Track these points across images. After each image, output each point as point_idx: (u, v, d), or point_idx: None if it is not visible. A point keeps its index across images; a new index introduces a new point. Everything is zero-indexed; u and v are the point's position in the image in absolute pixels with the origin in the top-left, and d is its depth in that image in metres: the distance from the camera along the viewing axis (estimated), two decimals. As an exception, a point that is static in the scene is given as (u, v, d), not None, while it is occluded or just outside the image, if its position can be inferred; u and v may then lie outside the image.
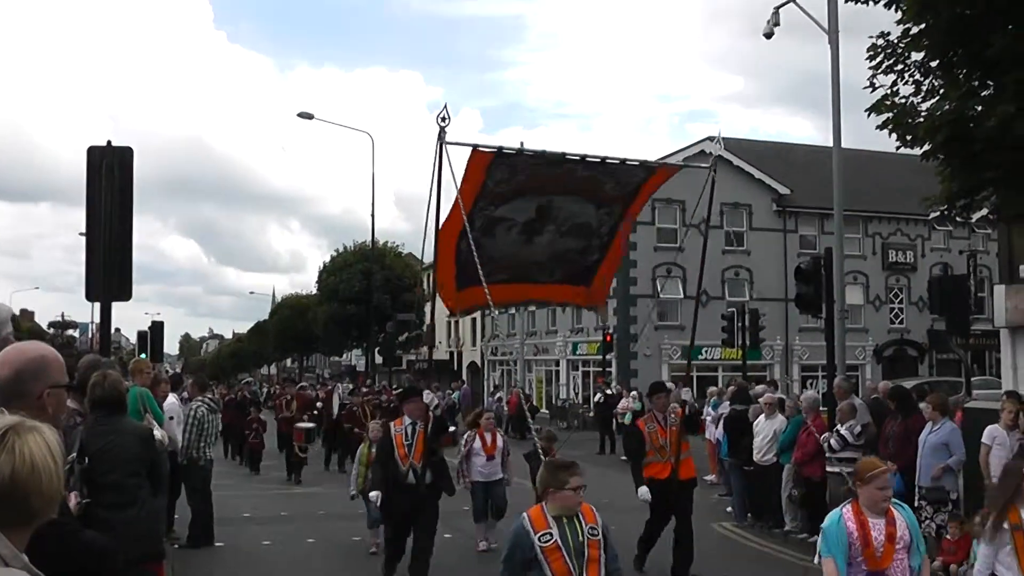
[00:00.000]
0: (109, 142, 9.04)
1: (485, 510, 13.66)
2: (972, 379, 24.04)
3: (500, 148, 10.51)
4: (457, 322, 65.78)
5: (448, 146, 10.11)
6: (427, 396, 11.05)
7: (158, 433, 8.62)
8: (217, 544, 13.63)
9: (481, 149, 10.37)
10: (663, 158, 43.77)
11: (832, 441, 13.18)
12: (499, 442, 14.12)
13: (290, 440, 22.94)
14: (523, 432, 32.10)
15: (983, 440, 11.69)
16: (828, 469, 13.28)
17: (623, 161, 11.29)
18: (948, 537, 11.19)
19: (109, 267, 8.79)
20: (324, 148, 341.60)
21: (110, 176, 8.79)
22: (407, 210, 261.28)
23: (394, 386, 30.65)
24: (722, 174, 45.59)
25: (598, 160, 11.07)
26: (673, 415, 12.04)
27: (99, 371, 6.41)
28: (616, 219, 12.45)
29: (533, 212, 11.72)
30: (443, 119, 9.87)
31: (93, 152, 8.91)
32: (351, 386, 32.14)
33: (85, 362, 7.12)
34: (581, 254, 12.69)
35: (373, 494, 11.28)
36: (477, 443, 13.85)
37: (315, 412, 25.86)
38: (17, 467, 2.29)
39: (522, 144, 10.76)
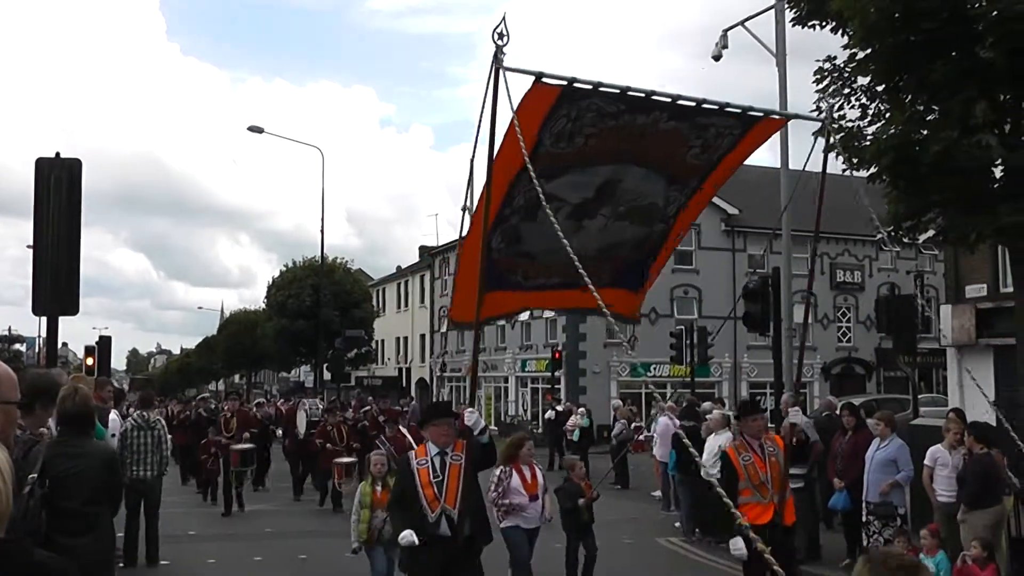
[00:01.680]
0: (58, 154, 8.94)
1: (528, 566, 10.66)
2: (919, 397, 24.37)
3: (571, 81, 7.47)
4: (406, 338, 65.62)
5: (505, 72, 7.21)
6: (470, 416, 7.83)
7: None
8: (163, 562, 13.43)
9: (546, 81, 7.41)
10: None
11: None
12: (539, 477, 11.11)
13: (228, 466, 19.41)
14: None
15: (925, 462, 11.88)
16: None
17: (722, 107, 8.37)
18: (894, 553, 11.29)
19: (56, 281, 8.67)
20: (275, 163, 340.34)
21: (59, 188, 8.69)
22: (358, 226, 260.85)
23: (364, 408, 25.43)
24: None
25: (692, 104, 8.23)
26: (771, 443, 9.55)
27: (69, 385, 6.23)
28: (685, 199, 9.58)
29: (592, 191, 8.81)
30: (500, 36, 7.16)
31: (42, 164, 8.80)
32: (320, 402, 26.54)
33: (29, 376, 6.95)
34: (636, 247, 9.73)
35: (406, 535, 7.54)
36: (515, 480, 10.77)
37: (255, 432, 21.09)
38: (-33, 486, 2.24)
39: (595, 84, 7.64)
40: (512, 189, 8.10)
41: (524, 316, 46.93)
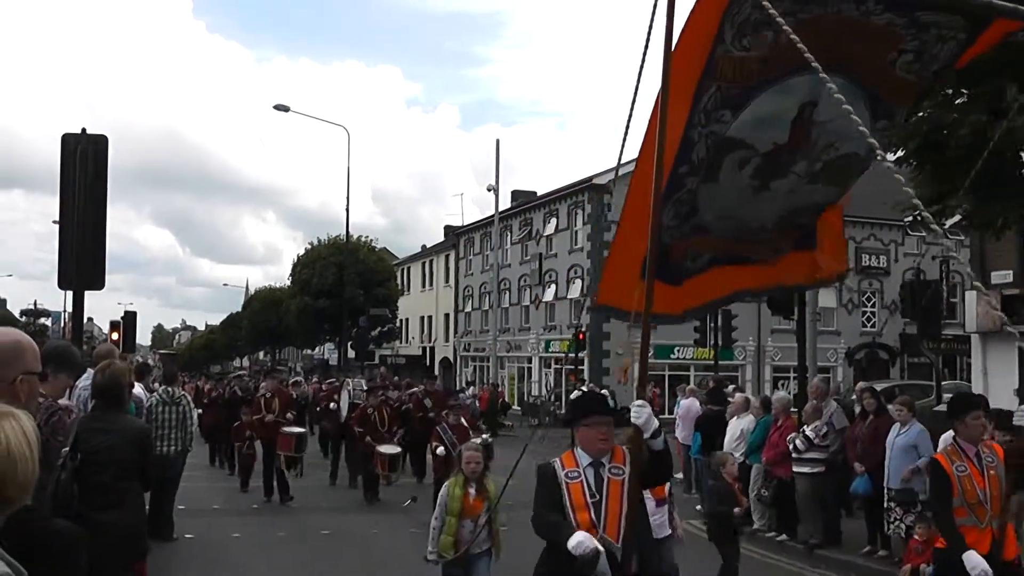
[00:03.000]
0: (84, 130, 8.98)
1: None
2: (942, 383, 24.24)
3: None
4: (430, 317, 65.78)
5: None
6: (639, 412, 5.43)
7: None
8: (187, 536, 13.58)
9: None
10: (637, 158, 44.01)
11: (797, 442, 13.31)
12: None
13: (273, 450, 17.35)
14: (495, 429, 32.15)
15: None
16: (795, 469, 13.42)
17: None
18: (916, 538, 11.27)
19: (82, 255, 8.73)
20: (301, 141, 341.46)
21: (84, 164, 8.74)
22: (384, 205, 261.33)
23: (411, 391, 22.05)
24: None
25: None
26: (990, 452, 7.24)
27: (105, 360, 6.27)
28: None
29: (786, 130, 6.24)
30: None
31: (68, 139, 8.85)
32: (365, 382, 23.23)
33: (48, 346, 7.00)
34: (817, 212, 7.11)
35: (579, 538, 5.18)
36: None
37: (295, 413, 19.50)
38: (-7, 453, 2.27)
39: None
40: (688, 131, 5.94)
41: (549, 296, 46.97)
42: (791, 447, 13.42)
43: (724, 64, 5.70)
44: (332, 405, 21.35)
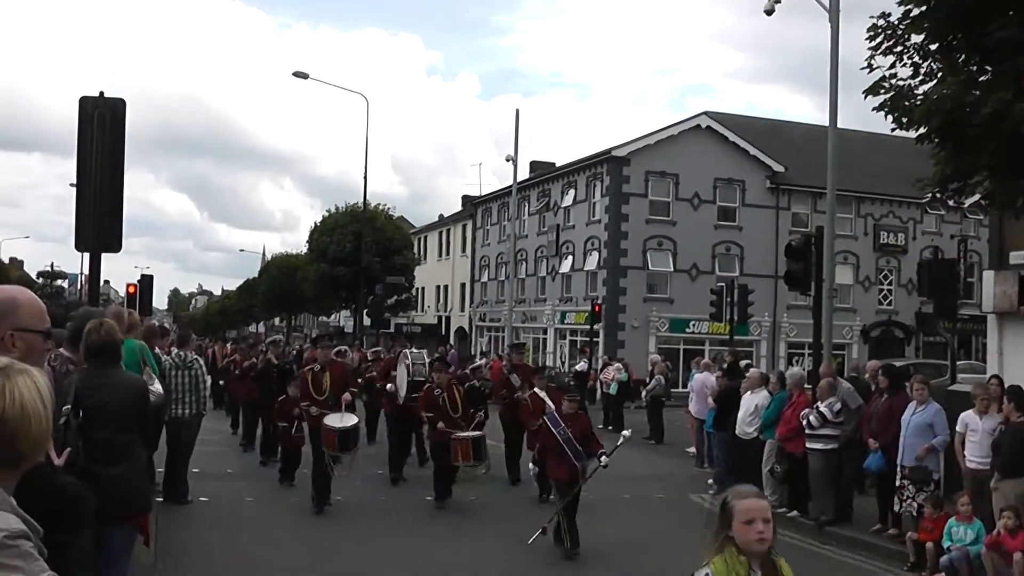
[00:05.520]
0: (102, 93, 8.97)
1: None
2: (957, 363, 24.15)
3: None
4: (446, 286, 65.85)
5: None
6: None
7: (157, 387, 8.60)
8: (201, 499, 13.68)
9: None
10: (659, 131, 44.06)
11: (811, 418, 13.29)
12: None
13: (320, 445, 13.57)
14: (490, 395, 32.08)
15: (957, 428, 11.82)
16: (808, 446, 13.41)
17: None
18: (926, 516, 11.28)
19: (99, 217, 8.74)
20: (320, 109, 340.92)
21: (102, 127, 8.73)
22: (403, 173, 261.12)
23: (474, 366, 20.32)
24: (717, 149, 45.52)
25: None
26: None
27: (95, 319, 6.32)
28: None
29: None
30: None
31: (85, 102, 8.84)
32: (435, 354, 20.33)
33: (80, 313, 7.05)
34: None
35: None
36: None
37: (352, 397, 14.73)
38: (7, 409, 2.28)
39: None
40: None
41: (566, 268, 46.95)
42: (804, 423, 13.41)
43: None
44: (389, 386, 16.80)
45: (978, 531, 10.55)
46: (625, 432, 12.22)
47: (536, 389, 15.26)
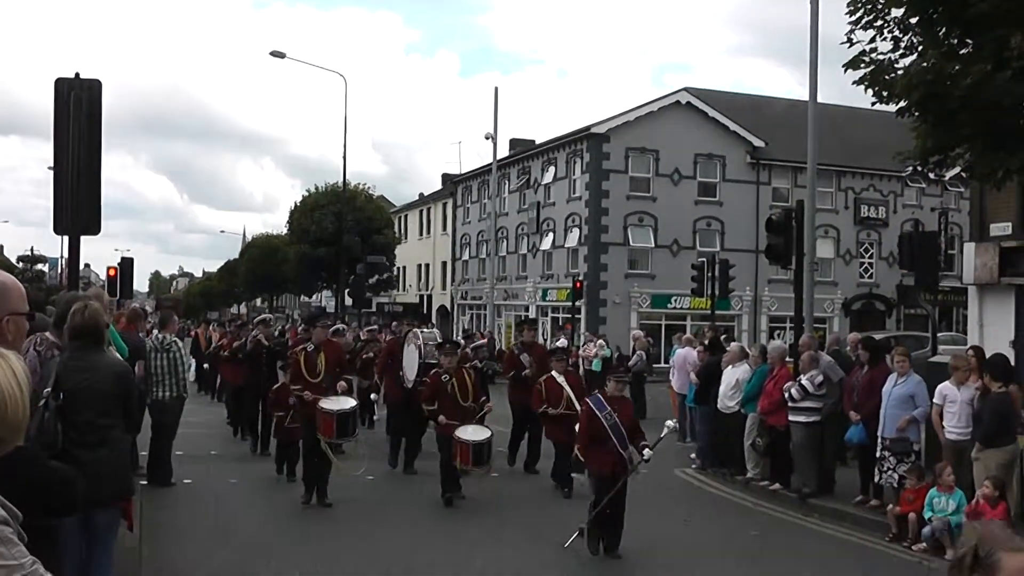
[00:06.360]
0: (77, 74, 8.88)
1: None
2: (939, 335, 24.27)
3: None
4: (427, 265, 65.79)
5: None
6: None
7: (137, 369, 8.55)
8: (185, 481, 13.64)
9: None
10: (639, 107, 44.02)
11: (793, 391, 13.36)
12: None
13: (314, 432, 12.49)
14: (491, 377, 32.16)
15: (935, 399, 11.90)
16: (790, 418, 13.48)
17: None
18: (908, 487, 11.36)
19: (77, 200, 8.66)
20: (300, 88, 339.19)
21: (78, 108, 8.64)
22: (383, 153, 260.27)
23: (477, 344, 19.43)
24: (697, 125, 45.47)
25: None
26: None
27: (80, 301, 6.27)
28: None
29: None
30: None
31: (61, 84, 8.75)
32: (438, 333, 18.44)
33: (65, 297, 7.01)
34: None
35: None
36: None
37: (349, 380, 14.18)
38: (-19, 393, 2.26)
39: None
40: None
41: (546, 245, 46.94)
42: (786, 396, 13.47)
43: None
44: (401, 374, 15.62)
45: (959, 501, 10.64)
46: (669, 423, 11.03)
47: (554, 372, 14.03)
